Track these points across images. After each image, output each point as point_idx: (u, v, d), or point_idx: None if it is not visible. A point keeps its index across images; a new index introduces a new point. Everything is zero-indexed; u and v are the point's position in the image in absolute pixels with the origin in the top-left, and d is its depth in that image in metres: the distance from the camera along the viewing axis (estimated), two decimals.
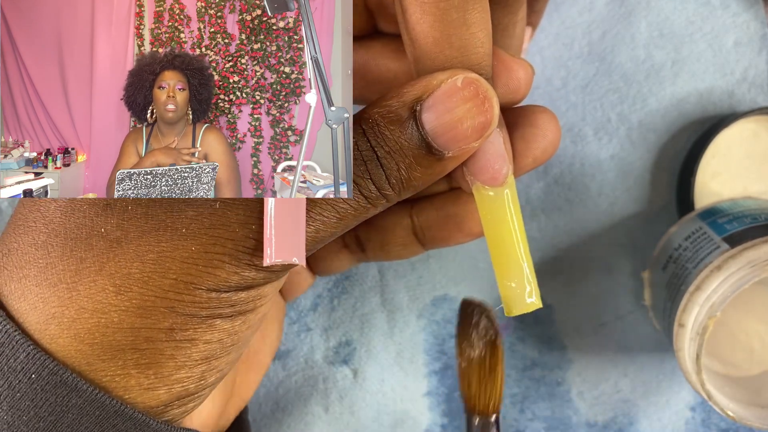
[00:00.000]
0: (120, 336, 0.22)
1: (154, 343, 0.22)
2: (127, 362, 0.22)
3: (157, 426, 0.23)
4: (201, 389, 0.24)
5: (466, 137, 0.22)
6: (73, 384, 0.21)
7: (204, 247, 0.22)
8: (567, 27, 0.40)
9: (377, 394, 0.42)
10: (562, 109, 0.40)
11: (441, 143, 0.22)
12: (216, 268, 0.22)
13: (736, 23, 0.40)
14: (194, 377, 0.23)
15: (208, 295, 0.22)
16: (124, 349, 0.22)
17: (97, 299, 0.22)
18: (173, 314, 0.22)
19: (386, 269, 0.41)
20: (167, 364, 0.22)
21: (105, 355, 0.22)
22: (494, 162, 0.23)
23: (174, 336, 0.22)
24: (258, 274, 0.23)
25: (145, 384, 0.22)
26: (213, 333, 0.23)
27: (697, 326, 0.33)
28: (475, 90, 0.21)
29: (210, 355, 0.23)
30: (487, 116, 0.22)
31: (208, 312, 0.23)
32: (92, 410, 0.22)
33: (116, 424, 0.22)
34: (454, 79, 0.21)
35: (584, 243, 0.41)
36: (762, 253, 0.32)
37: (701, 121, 0.40)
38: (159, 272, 0.22)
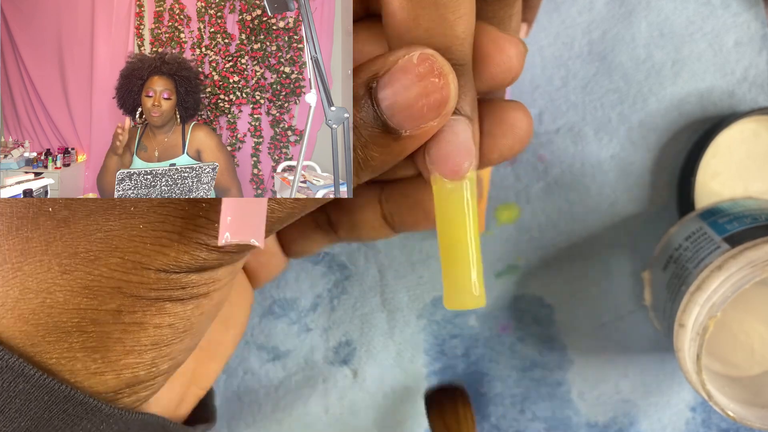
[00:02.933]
0: (65, 317, 0.21)
1: (101, 325, 0.22)
2: (73, 344, 0.21)
3: (109, 410, 0.22)
4: (153, 377, 0.23)
5: (423, 115, 0.21)
6: (20, 369, 0.21)
7: (152, 225, 0.21)
8: (567, 27, 0.40)
9: (377, 395, 0.42)
10: (562, 109, 0.40)
11: (397, 121, 0.21)
12: (164, 246, 0.21)
13: (737, 23, 0.40)
14: (144, 363, 0.23)
15: (157, 276, 0.22)
16: (69, 331, 0.21)
17: (42, 279, 0.21)
18: (120, 295, 0.21)
19: (386, 269, 0.41)
20: (114, 348, 0.22)
21: (50, 337, 0.21)
22: (456, 155, 0.22)
23: (122, 318, 0.22)
24: (210, 255, 0.22)
25: (92, 368, 0.22)
26: (163, 317, 0.22)
27: (698, 326, 0.33)
28: (431, 66, 0.21)
29: (160, 341, 0.23)
30: (443, 93, 0.21)
31: (157, 294, 0.22)
32: (40, 395, 0.21)
33: (66, 409, 0.21)
34: (410, 56, 0.21)
35: (584, 243, 0.41)
36: (762, 253, 0.32)
37: (701, 121, 0.40)
38: (106, 251, 0.21)
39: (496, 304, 0.41)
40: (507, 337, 0.42)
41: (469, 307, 0.23)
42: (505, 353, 0.42)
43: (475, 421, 0.38)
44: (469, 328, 0.41)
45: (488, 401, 0.42)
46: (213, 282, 0.23)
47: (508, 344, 0.42)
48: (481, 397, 0.42)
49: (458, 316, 0.41)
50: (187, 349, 0.24)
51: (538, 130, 0.40)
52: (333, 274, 0.41)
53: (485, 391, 0.42)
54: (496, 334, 0.41)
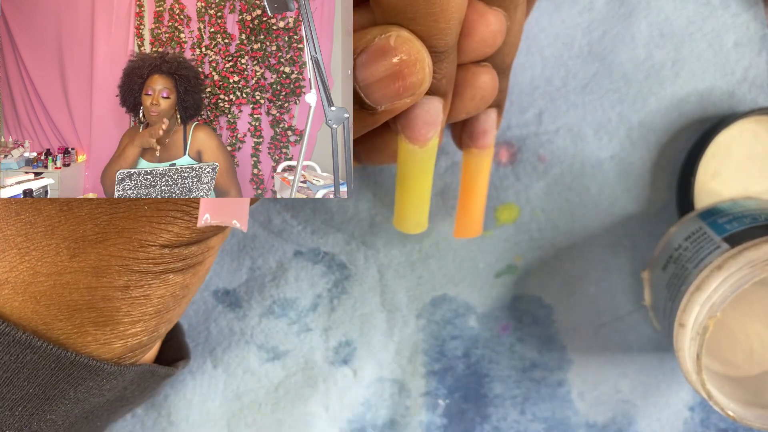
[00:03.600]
0: (77, 296, 0.22)
1: (111, 301, 0.23)
2: (84, 321, 0.23)
3: (110, 369, 0.24)
4: (153, 341, 0.25)
5: (398, 95, 0.22)
6: (27, 342, 0.22)
7: (157, 205, 0.22)
8: (567, 27, 0.40)
9: (377, 394, 0.42)
10: (562, 109, 0.40)
11: (373, 99, 0.22)
12: (168, 224, 0.22)
13: (737, 23, 0.40)
14: (148, 330, 0.24)
15: (161, 251, 0.23)
16: (81, 309, 0.22)
17: (51, 262, 0.22)
18: (128, 272, 0.23)
19: (386, 269, 0.41)
20: (123, 320, 0.23)
21: (62, 315, 0.22)
22: (422, 126, 0.24)
23: (130, 293, 0.23)
24: (208, 228, 0.23)
25: (102, 339, 0.23)
26: (167, 287, 0.24)
27: (698, 326, 0.33)
28: (408, 50, 0.21)
29: (163, 308, 0.24)
30: (418, 77, 0.22)
31: (161, 267, 0.23)
32: (47, 364, 0.22)
33: (72, 372, 0.23)
34: (387, 36, 0.21)
35: (584, 243, 0.41)
36: (762, 253, 0.32)
37: (701, 121, 0.40)
38: (113, 232, 0.22)
39: (496, 305, 0.41)
40: (506, 338, 0.42)
41: (411, 231, 0.27)
42: (505, 354, 0.42)
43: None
44: (468, 328, 0.41)
45: (488, 402, 0.42)
46: (208, 250, 0.25)
47: (507, 345, 0.42)
48: (481, 398, 0.42)
49: (458, 316, 0.41)
50: (182, 312, 0.26)
51: (538, 130, 0.40)
52: (333, 274, 0.41)
53: (485, 392, 0.42)
54: (496, 334, 0.41)
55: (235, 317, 0.41)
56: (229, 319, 0.41)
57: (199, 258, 0.24)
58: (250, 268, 0.41)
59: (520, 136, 0.40)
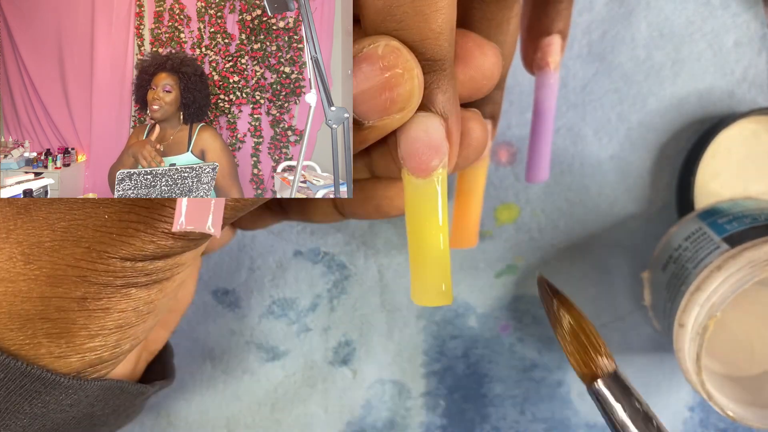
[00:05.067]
0: (29, 305, 0.21)
1: (66, 312, 0.21)
2: (37, 331, 0.21)
3: (68, 382, 0.22)
4: (115, 356, 0.24)
5: (386, 108, 0.21)
6: None
7: (118, 215, 0.21)
8: None
9: (376, 395, 0.42)
10: (562, 109, 0.40)
11: (360, 112, 0.21)
12: (131, 236, 0.21)
13: (736, 23, 0.40)
14: (108, 345, 0.23)
15: (123, 264, 0.22)
16: (33, 319, 0.21)
17: (3, 268, 0.21)
18: (86, 283, 0.21)
19: (386, 269, 0.41)
20: (79, 333, 0.22)
21: (13, 324, 0.21)
22: (423, 152, 0.22)
23: (87, 305, 0.22)
24: (176, 243, 0.22)
25: (56, 353, 0.22)
26: (128, 302, 0.22)
27: (697, 326, 0.33)
28: (395, 59, 0.20)
29: (125, 324, 0.23)
30: (407, 87, 0.20)
31: (123, 281, 0.22)
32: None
33: (23, 384, 0.21)
34: (375, 45, 0.20)
35: (584, 243, 0.41)
36: (762, 253, 0.32)
37: (701, 121, 0.40)
38: (71, 240, 0.21)
39: (496, 305, 0.41)
40: (506, 338, 0.42)
41: (436, 304, 0.23)
42: (505, 354, 0.42)
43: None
44: (468, 328, 0.41)
45: (488, 402, 0.42)
46: (177, 266, 0.23)
47: (507, 345, 0.42)
48: (481, 398, 0.42)
49: (458, 317, 0.41)
50: (148, 328, 0.25)
51: None
52: (332, 274, 0.41)
53: (485, 392, 0.42)
54: (496, 334, 0.41)
55: (234, 317, 0.41)
56: (229, 319, 0.41)
57: (166, 274, 0.23)
58: (249, 268, 0.41)
59: (520, 136, 0.40)
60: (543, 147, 0.34)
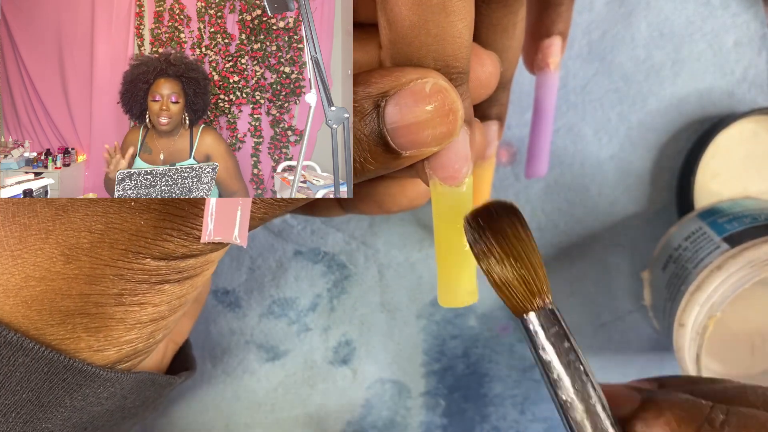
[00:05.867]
0: (69, 302, 0.22)
1: (104, 308, 0.22)
2: (76, 326, 0.22)
3: (107, 375, 0.23)
4: (149, 347, 0.25)
5: (426, 143, 0.21)
6: (18, 343, 0.21)
7: (153, 222, 0.22)
8: None
9: (377, 394, 0.42)
10: (562, 109, 0.40)
11: (399, 143, 0.21)
12: (165, 241, 0.22)
13: (736, 23, 0.40)
14: (143, 337, 0.24)
15: (157, 264, 0.23)
16: (73, 314, 0.22)
17: (44, 267, 0.22)
18: (122, 281, 0.22)
19: (386, 269, 0.41)
20: (117, 327, 0.23)
21: (53, 320, 0.22)
22: (455, 161, 0.22)
23: (123, 301, 0.23)
24: (206, 246, 0.23)
25: (95, 346, 0.23)
26: (162, 297, 0.23)
27: (698, 326, 0.33)
28: (443, 100, 0.21)
29: (158, 317, 0.24)
30: (449, 128, 0.21)
31: (157, 279, 0.23)
32: (40, 367, 0.22)
33: (66, 378, 0.22)
34: (423, 82, 0.21)
35: (584, 243, 0.41)
36: (762, 253, 0.32)
37: (701, 121, 0.40)
38: (108, 243, 0.22)
39: (496, 305, 0.41)
40: (506, 338, 0.42)
41: (466, 304, 0.23)
42: (505, 353, 0.42)
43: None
44: (468, 328, 0.41)
45: (488, 402, 0.42)
46: (207, 264, 0.24)
47: (507, 345, 0.42)
48: (481, 397, 0.42)
49: (458, 316, 0.41)
50: (178, 318, 0.26)
51: None
52: (332, 274, 0.41)
53: (485, 392, 0.42)
54: (496, 334, 0.41)
55: (234, 317, 0.41)
56: (229, 319, 0.41)
57: (197, 270, 0.24)
58: (249, 267, 0.41)
59: (520, 136, 0.40)
60: (542, 143, 0.34)
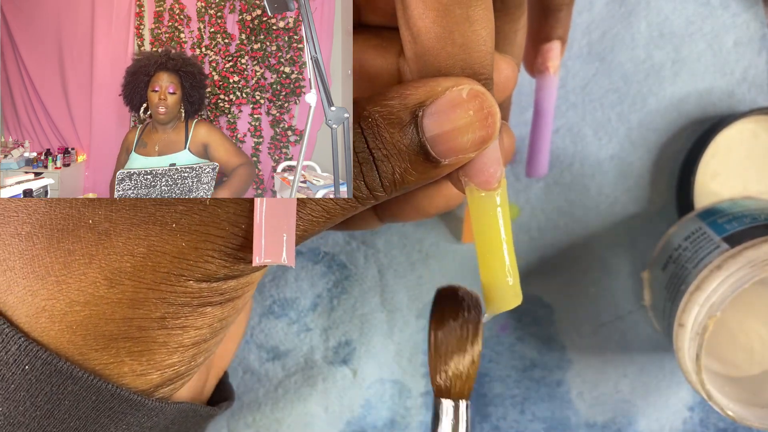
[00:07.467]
0: (113, 326, 0.22)
1: (147, 331, 0.22)
2: (120, 351, 0.22)
3: (152, 404, 0.23)
4: (191, 370, 0.25)
5: (465, 149, 0.22)
6: (68, 372, 0.21)
7: (194, 243, 0.22)
8: None
9: (377, 394, 0.42)
10: (562, 109, 0.40)
11: (439, 152, 0.22)
12: (206, 262, 0.22)
13: (736, 23, 0.40)
14: (185, 360, 0.24)
15: (199, 286, 0.22)
16: (116, 339, 0.22)
17: (88, 292, 0.22)
18: (165, 304, 0.22)
19: (386, 269, 0.41)
20: (160, 351, 0.23)
21: (98, 345, 0.22)
22: (490, 166, 0.23)
23: (166, 324, 0.23)
24: (247, 266, 0.23)
25: (139, 370, 0.23)
26: (204, 319, 0.23)
27: (697, 326, 0.33)
28: (480, 104, 0.21)
29: (200, 339, 0.24)
30: (488, 131, 0.21)
31: (199, 301, 0.23)
32: (88, 396, 0.22)
33: (112, 406, 0.22)
34: (459, 89, 0.21)
35: (584, 243, 0.41)
36: (762, 252, 0.32)
37: (701, 121, 0.40)
38: (150, 266, 0.22)
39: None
40: (506, 337, 0.42)
41: (511, 308, 0.24)
42: (505, 353, 0.42)
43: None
44: None
45: (488, 402, 0.42)
46: (248, 285, 0.24)
47: (507, 344, 0.42)
48: (481, 397, 0.42)
49: None
50: (219, 341, 0.26)
51: None
52: (333, 274, 0.41)
53: (485, 392, 0.42)
54: (495, 334, 0.42)
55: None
56: None
57: (238, 292, 0.24)
58: None
59: (520, 137, 0.40)
60: (542, 144, 0.34)
